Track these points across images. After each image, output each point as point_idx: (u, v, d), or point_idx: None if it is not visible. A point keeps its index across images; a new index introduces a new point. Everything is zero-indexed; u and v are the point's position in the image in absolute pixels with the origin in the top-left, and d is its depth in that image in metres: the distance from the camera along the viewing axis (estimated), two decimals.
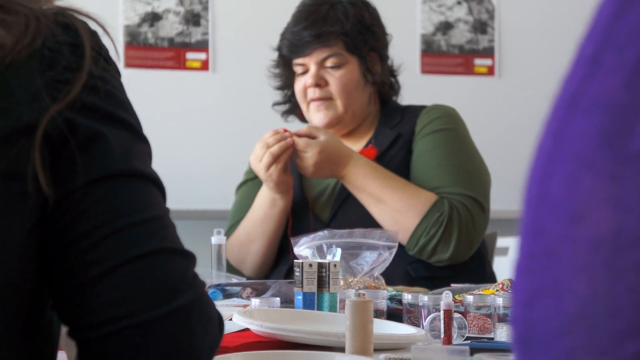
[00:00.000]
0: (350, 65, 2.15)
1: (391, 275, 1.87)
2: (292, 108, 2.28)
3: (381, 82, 2.20)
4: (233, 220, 2.24)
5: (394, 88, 2.26)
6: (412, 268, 2.03)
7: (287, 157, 2.05)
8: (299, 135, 2.04)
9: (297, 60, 2.16)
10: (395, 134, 2.16)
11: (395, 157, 2.13)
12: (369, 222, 2.01)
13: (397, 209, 2.00)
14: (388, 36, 2.25)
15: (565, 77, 0.43)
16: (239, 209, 2.24)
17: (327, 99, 2.15)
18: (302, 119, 2.29)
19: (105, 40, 0.85)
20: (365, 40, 2.15)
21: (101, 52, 0.83)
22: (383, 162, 2.11)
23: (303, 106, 2.20)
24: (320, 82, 2.14)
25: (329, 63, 2.14)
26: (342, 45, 2.13)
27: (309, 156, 2.01)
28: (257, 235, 2.13)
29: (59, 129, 0.77)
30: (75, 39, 0.80)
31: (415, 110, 2.20)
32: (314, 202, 2.16)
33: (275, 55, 2.27)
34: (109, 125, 0.80)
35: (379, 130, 2.19)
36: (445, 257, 2.01)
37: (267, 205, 2.12)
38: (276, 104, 2.30)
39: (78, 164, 0.78)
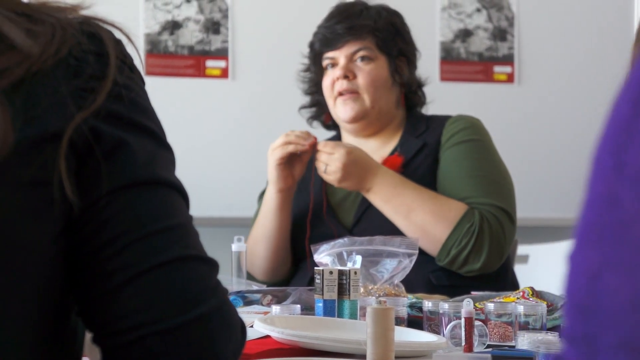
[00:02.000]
0: (379, 62, 2.17)
1: (412, 283, 1.87)
2: (319, 113, 2.28)
3: (408, 84, 2.21)
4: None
5: (420, 98, 2.27)
6: (434, 276, 2.03)
7: (299, 149, 2.07)
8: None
9: (328, 54, 2.18)
10: (421, 143, 2.16)
11: (420, 166, 2.13)
12: (392, 228, 2.01)
13: (427, 220, 2.00)
14: (417, 52, 2.27)
15: None
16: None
17: (354, 92, 2.16)
18: (327, 125, 2.30)
19: (129, 49, 0.86)
20: (395, 41, 2.18)
21: (126, 61, 0.83)
22: (408, 170, 2.12)
23: (330, 102, 2.21)
24: (348, 74, 2.16)
25: (358, 57, 2.15)
26: (373, 41, 2.16)
27: (337, 157, 2.01)
28: (259, 236, 2.15)
29: (84, 137, 0.78)
30: (101, 48, 0.81)
31: (440, 120, 2.21)
32: (336, 207, 2.16)
33: (304, 60, 2.28)
34: (133, 133, 0.81)
35: (404, 137, 2.20)
36: (477, 267, 2.01)
37: (265, 202, 2.15)
38: (303, 107, 2.31)
39: (103, 172, 0.78)
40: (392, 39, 2.17)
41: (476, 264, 2.00)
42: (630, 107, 0.41)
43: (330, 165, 2.02)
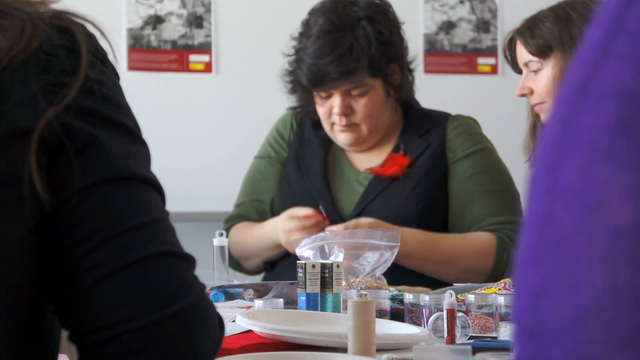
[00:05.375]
0: (374, 89, 2.13)
1: (424, 278, 1.90)
2: (306, 112, 2.26)
3: (401, 89, 2.19)
4: (242, 198, 2.25)
5: (410, 89, 2.24)
6: None
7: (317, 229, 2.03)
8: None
9: (320, 90, 2.14)
10: (426, 143, 2.16)
11: (424, 166, 2.14)
12: (396, 219, 2.00)
13: (471, 262, 2.05)
14: (402, 31, 2.21)
15: (572, 64, 0.42)
16: (250, 188, 2.24)
17: (352, 125, 2.14)
18: (316, 121, 2.27)
19: (104, 43, 0.85)
20: (386, 58, 2.13)
21: (98, 55, 0.82)
22: (414, 169, 2.12)
23: (326, 126, 2.18)
24: (347, 112, 2.12)
25: (354, 92, 2.12)
26: (367, 74, 2.11)
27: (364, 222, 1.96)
28: (259, 255, 2.15)
29: (55, 134, 0.77)
30: (72, 43, 0.80)
31: (440, 119, 2.21)
32: (338, 197, 2.15)
33: (278, 54, 2.25)
34: (105, 128, 0.80)
35: (405, 136, 2.19)
36: None
37: (272, 244, 2.12)
38: (291, 109, 2.28)
39: (75, 169, 0.77)
40: (383, 59, 2.12)
41: None
42: (560, 126, 0.42)
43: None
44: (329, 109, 2.14)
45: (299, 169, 2.17)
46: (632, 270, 0.38)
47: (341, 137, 2.16)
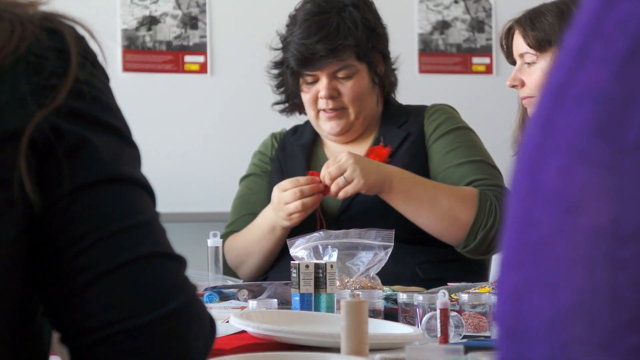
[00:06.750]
0: (360, 73, 2.14)
1: (400, 277, 1.87)
2: (293, 107, 2.26)
3: (385, 79, 2.20)
4: (234, 216, 2.23)
5: (393, 83, 2.26)
6: (420, 269, 2.03)
7: (314, 209, 2.01)
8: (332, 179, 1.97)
9: (308, 72, 2.14)
10: (405, 133, 2.17)
11: (405, 155, 2.14)
12: (377, 216, 2.00)
13: (453, 204, 2.00)
14: (385, 29, 2.24)
15: (551, 68, 0.43)
16: (240, 205, 2.23)
17: (339, 109, 2.14)
18: (302, 113, 2.28)
19: (94, 45, 0.85)
20: (372, 45, 2.15)
21: (88, 57, 0.82)
22: (395, 159, 2.12)
23: (311, 114, 2.18)
24: (333, 94, 2.13)
25: (340, 74, 2.13)
26: (354, 56, 2.12)
27: (344, 160, 1.95)
28: (254, 251, 2.12)
29: (45, 135, 0.77)
30: (61, 44, 0.80)
31: (418, 110, 2.22)
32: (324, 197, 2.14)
33: (273, 54, 2.25)
34: (95, 130, 0.80)
35: (384, 128, 2.20)
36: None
37: (267, 229, 2.09)
38: (277, 103, 2.28)
39: (64, 171, 0.77)
40: (370, 45, 2.14)
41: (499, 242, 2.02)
42: (540, 129, 0.42)
43: (346, 171, 1.95)
44: (315, 94, 2.14)
45: (284, 178, 2.16)
46: (610, 270, 0.38)
47: (327, 126, 2.16)
